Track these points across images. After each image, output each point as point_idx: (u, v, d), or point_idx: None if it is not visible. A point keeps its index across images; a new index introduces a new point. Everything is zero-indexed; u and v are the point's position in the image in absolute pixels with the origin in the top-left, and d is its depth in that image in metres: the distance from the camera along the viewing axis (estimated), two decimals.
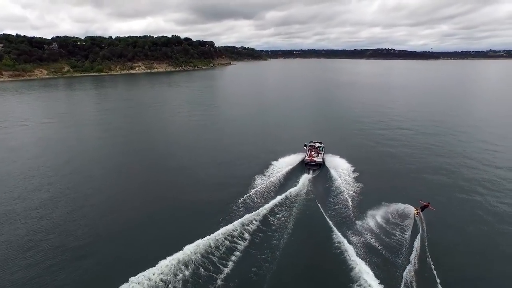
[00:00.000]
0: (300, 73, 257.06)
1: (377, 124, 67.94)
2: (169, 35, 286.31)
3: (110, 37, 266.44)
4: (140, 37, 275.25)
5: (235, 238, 26.23)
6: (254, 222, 28.39)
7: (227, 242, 25.70)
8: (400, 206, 31.22)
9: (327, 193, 34.60)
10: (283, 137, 57.36)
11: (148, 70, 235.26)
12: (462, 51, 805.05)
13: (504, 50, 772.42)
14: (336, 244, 25.69)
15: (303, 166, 41.69)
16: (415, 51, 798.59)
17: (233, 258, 24.28)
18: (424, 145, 52.77)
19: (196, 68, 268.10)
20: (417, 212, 29.82)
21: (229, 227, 27.29)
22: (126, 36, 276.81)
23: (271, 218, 29.41)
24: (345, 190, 34.53)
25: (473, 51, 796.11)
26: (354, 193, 34.24)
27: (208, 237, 25.76)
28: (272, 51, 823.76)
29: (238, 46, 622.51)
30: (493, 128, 63.86)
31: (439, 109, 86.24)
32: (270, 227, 28.15)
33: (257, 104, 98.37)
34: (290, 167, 41.09)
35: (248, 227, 27.61)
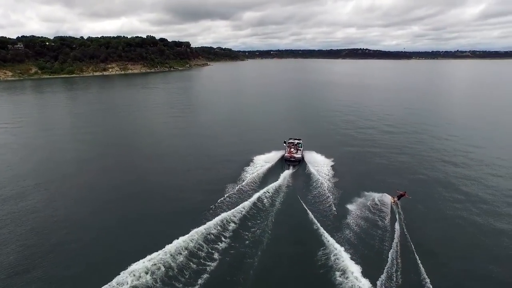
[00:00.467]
0: (277, 73, 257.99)
1: (353, 121, 70.28)
2: (144, 36, 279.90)
3: (82, 37, 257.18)
4: (113, 37, 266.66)
5: (218, 234, 26.38)
6: (237, 217, 28.76)
7: (211, 237, 25.85)
8: (377, 196, 32.90)
9: (307, 187, 35.66)
10: (263, 136, 57.92)
11: (123, 72, 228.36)
12: (432, 51, 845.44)
13: (470, 51, 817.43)
14: (318, 235, 26.47)
15: (283, 162, 42.77)
16: (389, 51, 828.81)
17: (217, 253, 24.37)
18: (398, 140, 55.47)
19: (172, 69, 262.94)
20: (394, 201, 31.55)
21: (213, 222, 27.43)
22: (99, 36, 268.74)
23: (254, 212, 29.84)
24: (324, 183, 35.83)
25: (442, 51, 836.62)
26: (333, 186, 35.54)
27: (191, 233, 25.70)
28: (249, 52, 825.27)
29: (215, 46, 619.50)
30: (466, 122, 68.36)
31: (412, 106, 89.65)
32: (253, 221, 28.57)
33: (235, 104, 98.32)
34: (271, 163, 41.95)
35: (231, 223, 27.93)
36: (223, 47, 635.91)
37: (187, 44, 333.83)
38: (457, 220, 29.69)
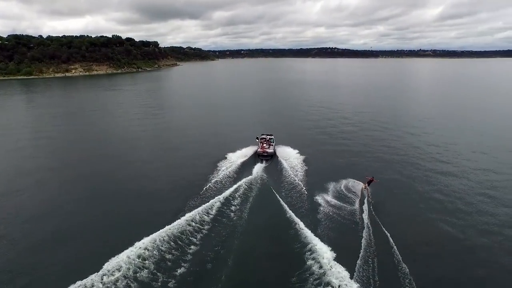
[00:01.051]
0: (247, 73, 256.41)
1: (323, 117, 73.80)
2: (112, 36, 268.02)
3: (41, 36, 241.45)
4: (76, 37, 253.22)
5: (194, 227, 26.63)
6: (212, 210, 29.43)
7: (187, 230, 26.07)
8: (348, 183, 35.42)
9: (280, 179, 37.22)
10: (236, 134, 59.11)
11: (87, 73, 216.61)
12: (397, 50, 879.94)
13: (431, 50, 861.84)
14: (291, 222, 27.52)
15: (256, 157, 44.29)
16: (357, 50, 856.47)
17: (193, 245, 24.60)
18: (365, 132, 59.66)
19: (140, 69, 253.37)
20: (365, 187, 33.66)
21: (189, 216, 27.87)
22: (60, 35, 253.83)
23: (228, 205, 30.60)
24: (296, 174, 37.85)
25: (406, 50, 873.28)
26: (304, 177, 37.49)
27: (166, 227, 25.86)
28: (219, 51, 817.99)
29: (185, 46, 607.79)
30: (429, 113, 74.55)
31: (379, 101, 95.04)
32: (228, 212, 29.42)
33: (207, 104, 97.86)
34: (244, 159, 43.38)
35: (207, 216, 28.44)
36: (193, 47, 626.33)
37: (155, 44, 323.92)
38: (427, 203, 32.00)
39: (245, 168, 40.28)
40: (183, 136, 58.63)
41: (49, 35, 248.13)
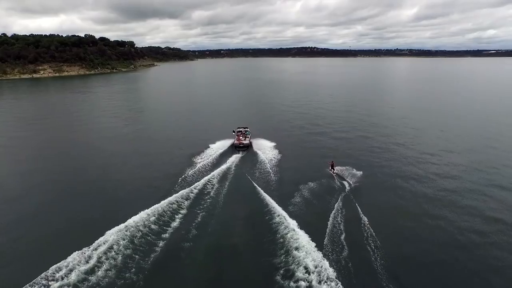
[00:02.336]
0: (226, 72, 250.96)
1: (296, 112, 78.30)
2: (83, 35, 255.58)
3: (4, 34, 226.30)
4: (45, 35, 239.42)
5: (172, 212, 28.36)
6: (191, 195, 31.68)
7: (165, 215, 27.70)
8: (317, 167, 39.77)
9: (255, 167, 40.20)
10: (213, 128, 62.19)
11: (57, 74, 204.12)
12: (375, 49, 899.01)
13: (407, 49, 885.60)
14: (265, 205, 29.70)
15: (233, 149, 47.36)
16: (336, 49, 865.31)
17: (170, 230, 25.93)
18: (335, 125, 64.34)
19: (114, 70, 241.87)
20: (330, 169, 37.53)
21: (167, 201, 29.66)
22: (27, 34, 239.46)
23: (207, 190, 33.10)
24: (270, 162, 41.09)
25: (384, 50, 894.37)
26: (277, 164, 40.83)
27: (147, 210, 27.52)
28: (199, 51, 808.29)
29: (164, 46, 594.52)
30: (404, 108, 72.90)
31: (354, 99, 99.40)
32: (206, 196, 31.87)
33: (185, 102, 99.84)
34: (222, 150, 46.67)
35: (186, 200, 30.55)
36: (174, 47, 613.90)
37: (131, 44, 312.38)
38: (395, 183, 35.62)
39: (223, 158, 43.44)
40: (165, 131, 62.07)
41: (14, 34, 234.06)
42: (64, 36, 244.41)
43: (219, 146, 48.08)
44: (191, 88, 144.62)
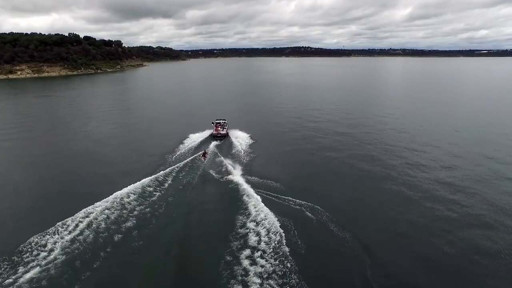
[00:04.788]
0: (216, 72, 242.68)
1: (276, 112, 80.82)
2: (86, 34, 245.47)
3: None
4: (25, 34, 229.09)
5: (155, 187, 33.49)
6: (172, 174, 36.74)
7: (148, 190, 32.63)
8: (281, 152, 47.59)
9: (230, 152, 46.04)
10: (196, 121, 66.97)
11: (36, 75, 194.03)
12: (369, 49, 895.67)
13: (401, 49, 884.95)
14: (234, 182, 34.77)
15: (212, 137, 52.58)
16: (330, 49, 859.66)
17: (155, 197, 31.49)
18: (311, 124, 66.61)
19: (99, 71, 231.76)
20: (202, 155, 42.40)
21: (152, 177, 35.13)
22: (7, 33, 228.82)
23: (187, 170, 38.45)
24: (242, 148, 47.51)
25: (377, 49, 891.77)
26: (249, 151, 46.79)
27: (131, 186, 32.61)
28: (192, 51, 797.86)
29: (158, 46, 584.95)
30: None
31: (343, 101, 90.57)
32: (184, 176, 36.92)
33: (171, 102, 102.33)
34: (202, 138, 52.26)
35: (167, 178, 35.85)
36: (167, 47, 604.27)
37: (119, 43, 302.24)
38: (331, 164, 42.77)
39: (202, 145, 49.19)
40: (150, 124, 68.01)
41: None
42: (46, 34, 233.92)
43: (199, 136, 53.37)
44: (177, 87, 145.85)
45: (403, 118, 70.52)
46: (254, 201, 29.86)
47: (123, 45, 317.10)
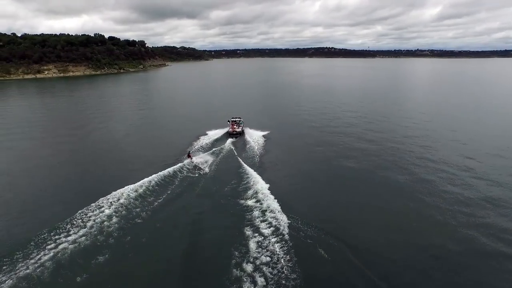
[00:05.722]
0: (236, 73, 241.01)
1: (291, 113, 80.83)
2: (115, 35, 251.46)
3: (13, 34, 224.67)
4: (52, 35, 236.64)
5: (175, 176, 37.11)
6: (189, 166, 39.93)
7: (170, 178, 36.48)
8: (293, 151, 48.98)
9: (243, 148, 48.22)
10: (213, 120, 67.95)
11: (62, 74, 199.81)
12: (395, 50, 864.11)
13: (429, 50, 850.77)
14: (246, 173, 37.86)
15: (228, 135, 54.90)
16: (354, 50, 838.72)
17: (174, 185, 34.84)
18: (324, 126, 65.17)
19: (121, 70, 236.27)
20: (188, 156, 42.54)
21: (175, 167, 38.88)
22: (38, 34, 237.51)
23: (205, 163, 41.25)
24: (256, 146, 48.70)
25: (404, 50, 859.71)
26: (261, 147, 48.62)
27: (157, 174, 36.23)
28: (215, 51, 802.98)
29: (184, 46, 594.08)
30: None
31: (368, 104, 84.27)
32: (202, 169, 39.64)
33: (191, 101, 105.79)
34: (218, 135, 54.82)
35: (185, 170, 38.93)
36: (190, 47, 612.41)
37: (142, 43, 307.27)
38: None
39: (218, 141, 51.90)
40: (172, 121, 72.30)
41: (24, 33, 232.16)
42: (73, 35, 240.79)
43: (216, 133, 56.00)
44: (197, 87, 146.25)
45: (432, 125, 64.72)
46: (259, 186, 33.52)
47: (146, 45, 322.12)
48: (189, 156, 42.45)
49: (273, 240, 24.70)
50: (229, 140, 51.39)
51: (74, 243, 24.55)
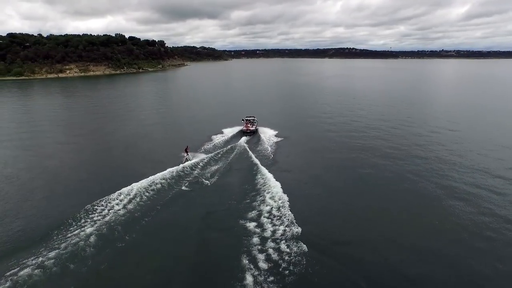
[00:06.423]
0: (254, 74, 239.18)
1: (308, 113, 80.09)
2: (133, 35, 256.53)
3: (40, 34, 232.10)
4: (75, 35, 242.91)
5: (192, 169, 39.26)
6: (204, 161, 41.93)
7: (188, 170, 38.86)
8: (302, 149, 50.11)
9: (256, 146, 49.73)
10: (229, 119, 68.31)
11: (83, 74, 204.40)
12: (418, 51, 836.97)
13: (454, 50, 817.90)
14: (258, 169, 38.53)
15: (242, 133, 56.33)
16: (375, 50, 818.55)
17: (191, 177, 36.93)
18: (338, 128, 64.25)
19: (140, 70, 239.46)
20: (185, 151, 43.43)
21: (191, 162, 40.84)
22: (62, 34, 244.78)
23: (217, 159, 43.25)
24: (268, 145, 49.79)
25: (428, 51, 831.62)
26: (274, 146, 49.81)
27: (172, 168, 38.31)
28: (235, 51, 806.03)
29: (205, 46, 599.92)
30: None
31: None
32: (218, 163, 41.62)
33: (207, 101, 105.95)
34: (233, 133, 56.49)
35: (201, 164, 40.79)
36: (210, 47, 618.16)
37: (161, 43, 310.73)
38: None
39: (233, 139, 53.48)
40: (190, 118, 74.80)
41: (50, 34, 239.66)
42: (94, 35, 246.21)
43: (231, 131, 57.72)
44: (216, 86, 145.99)
45: (462, 133, 58.16)
46: (271, 184, 34.03)
47: (165, 45, 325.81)
48: (186, 150, 43.30)
49: (283, 241, 24.44)
50: (243, 138, 53.00)
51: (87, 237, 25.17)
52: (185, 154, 42.85)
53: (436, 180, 36.41)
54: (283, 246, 23.70)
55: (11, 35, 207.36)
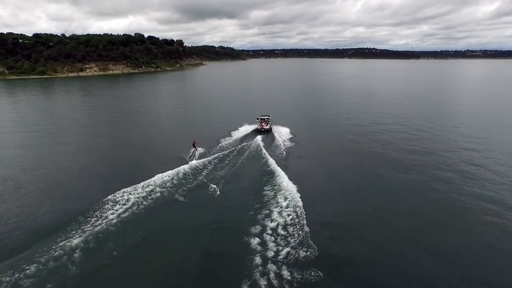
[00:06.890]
0: (272, 75, 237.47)
1: (323, 115, 79.88)
2: (154, 35, 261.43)
3: (63, 34, 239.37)
4: (96, 35, 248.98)
5: (209, 164, 41.38)
6: (219, 157, 43.68)
7: (207, 164, 41.18)
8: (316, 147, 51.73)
9: (270, 144, 51.32)
10: (245, 117, 67.76)
11: (102, 72, 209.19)
12: (441, 51, 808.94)
13: (481, 50, 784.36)
14: (271, 167, 39.56)
15: (256, 132, 58.05)
16: (396, 51, 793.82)
17: (205, 172, 38.80)
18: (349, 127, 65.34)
19: (158, 69, 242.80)
20: (193, 145, 46.52)
21: (208, 158, 43.01)
22: (85, 34, 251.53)
23: (233, 156, 44.96)
24: (282, 143, 51.45)
25: (452, 51, 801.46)
26: (288, 143, 52.23)
27: (189, 164, 40.14)
28: (253, 51, 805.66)
29: (224, 45, 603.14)
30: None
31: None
32: (231, 160, 43.20)
33: (224, 100, 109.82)
34: (248, 131, 58.40)
35: (217, 160, 42.59)
36: (229, 46, 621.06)
37: (180, 43, 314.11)
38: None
39: (248, 137, 55.39)
40: (208, 117, 76.96)
41: (73, 34, 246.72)
42: (114, 35, 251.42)
43: (246, 129, 59.48)
44: (228, 88, 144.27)
45: (487, 139, 54.29)
46: (282, 179, 35.25)
47: (184, 45, 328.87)
48: (193, 145, 45.41)
49: (292, 240, 24.90)
50: (258, 137, 54.31)
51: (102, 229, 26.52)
52: (193, 149, 44.44)
53: (471, 190, 34.27)
54: (293, 271, 21.81)
55: (36, 35, 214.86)
